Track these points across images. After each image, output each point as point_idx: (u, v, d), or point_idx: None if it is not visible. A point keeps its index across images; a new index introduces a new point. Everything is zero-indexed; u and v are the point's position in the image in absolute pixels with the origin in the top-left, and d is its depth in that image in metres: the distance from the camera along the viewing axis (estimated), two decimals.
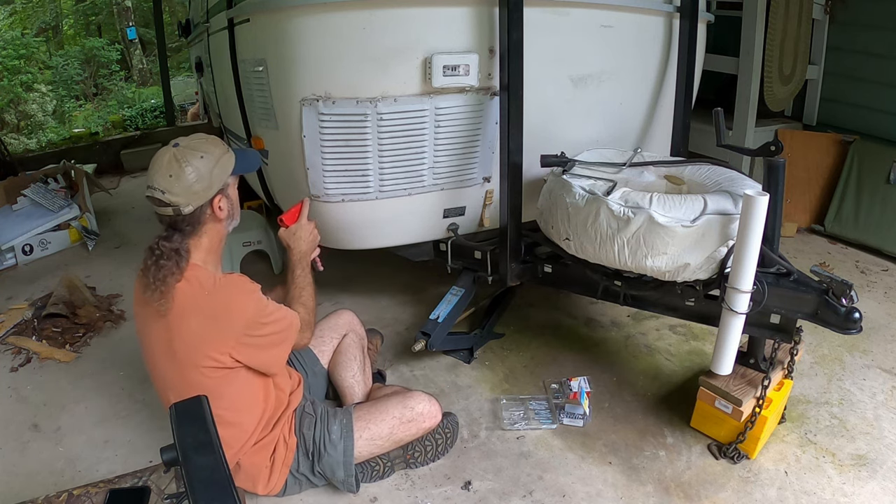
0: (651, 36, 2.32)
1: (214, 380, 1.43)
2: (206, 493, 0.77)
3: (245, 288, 1.46)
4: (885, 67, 3.34)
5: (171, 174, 1.36)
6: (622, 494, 1.67)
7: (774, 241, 1.67)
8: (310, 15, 1.81)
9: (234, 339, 1.41)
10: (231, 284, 1.45)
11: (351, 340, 1.96)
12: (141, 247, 1.48)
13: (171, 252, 1.38)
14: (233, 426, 1.50)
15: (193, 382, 1.42)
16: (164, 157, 1.39)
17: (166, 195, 1.36)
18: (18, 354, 2.44)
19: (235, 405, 1.49)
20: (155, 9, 5.87)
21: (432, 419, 1.74)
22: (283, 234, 1.69)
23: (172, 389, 1.47)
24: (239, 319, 1.41)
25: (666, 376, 2.18)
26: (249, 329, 1.43)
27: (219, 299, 1.41)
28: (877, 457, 1.78)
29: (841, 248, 3.25)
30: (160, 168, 1.37)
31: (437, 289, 2.72)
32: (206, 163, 1.40)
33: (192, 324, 1.39)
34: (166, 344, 1.42)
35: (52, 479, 1.77)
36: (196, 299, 1.39)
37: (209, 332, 1.40)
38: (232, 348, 1.42)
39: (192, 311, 1.39)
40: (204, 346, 1.40)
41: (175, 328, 1.40)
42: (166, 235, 1.41)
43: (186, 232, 1.42)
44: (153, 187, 1.37)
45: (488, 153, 2.11)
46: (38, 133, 7.01)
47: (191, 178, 1.37)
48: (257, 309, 1.45)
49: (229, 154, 1.47)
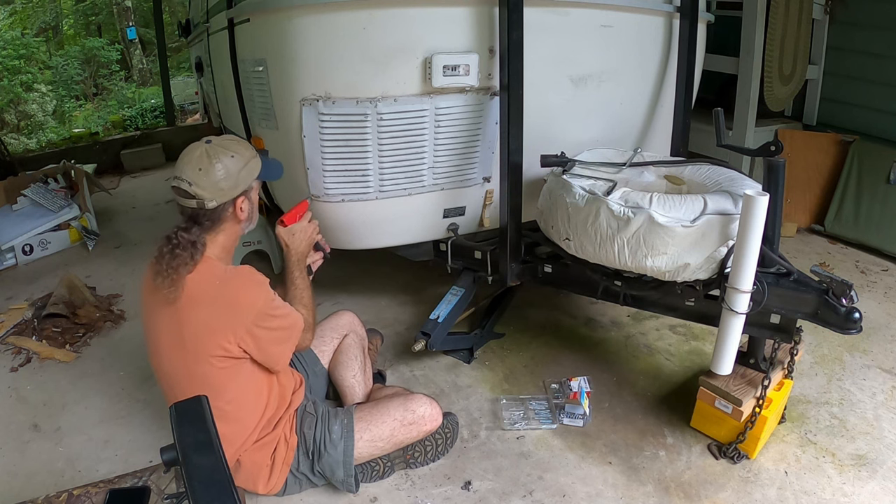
0: (651, 36, 2.32)
1: (221, 371, 1.45)
2: (206, 493, 0.77)
3: (255, 279, 1.48)
4: (885, 67, 3.34)
5: (200, 168, 1.41)
6: (622, 494, 1.67)
7: (774, 241, 1.67)
8: (310, 15, 1.81)
9: (244, 329, 1.43)
10: (241, 275, 1.48)
11: (352, 340, 1.96)
12: (141, 246, 1.49)
13: (188, 243, 1.41)
14: (235, 422, 1.50)
15: (200, 374, 1.44)
16: (195, 151, 1.43)
17: (193, 187, 1.40)
18: (18, 354, 2.44)
19: (239, 399, 1.51)
20: (155, 9, 5.88)
21: (433, 422, 1.74)
22: (282, 233, 1.69)
23: (178, 383, 1.48)
24: (249, 309, 1.43)
25: (666, 376, 2.18)
26: (259, 320, 1.44)
27: (229, 289, 1.44)
28: (877, 457, 1.78)
29: (841, 248, 3.25)
30: (190, 161, 1.42)
31: (437, 289, 2.72)
32: (236, 163, 1.45)
33: (202, 313, 1.41)
34: (175, 334, 1.44)
35: (52, 479, 1.77)
36: (207, 289, 1.42)
37: (219, 320, 1.42)
38: (241, 338, 1.43)
39: (202, 301, 1.41)
40: (214, 335, 1.42)
41: (185, 317, 1.42)
42: (185, 227, 1.44)
43: (206, 227, 1.46)
44: (181, 178, 1.41)
45: (488, 153, 2.11)
46: (38, 133, 7.01)
47: (219, 174, 1.42)
48: (266, 300, 1.47)
49: (257, 159, 1.53)
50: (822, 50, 3.67)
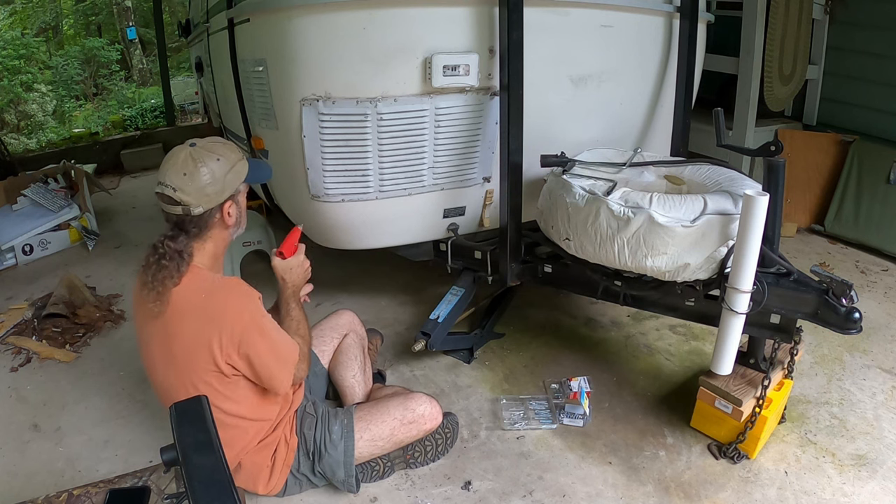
0: (651, 36, 2.32)
1: (214, 386, 1.40)
2: (206, 493, 0.77)
3: (242, 290, 1.42)
4: (885, 67, 3.34)
5: (185, 172, 1.35)
6: (622, 494, 1.67)
7: (774, 241, 1.67)
8: (310, 15, 1.81)
9: (232, 344, 1.37)
10: (228, 287, 1.42)
11: (351, 340, 1.96)
12: (141, 247, 1.47)
13: (175, 253, 1.36)
14: (235, 427, 1.49)
15: (194, 388, 1.39)
16: (179, 154, 1.37)
17: (178, 193, 1.34)
18: (18, 354, 2.44)
19: (239, 409, 1.47)
20: (155, 9, 5.87)
21: (433, 421, 1.74)
22: (279, 267, 1.58)
23: (174, 394, 1.41)
24: (236, 321, 1.37)
25: (666, 376, 2.18)
26: (246, 335, 1.38)
27: (215, 301, 1.38)
28: (877, 457, 1.78)
29: (841, 248, 3.25)
30: (174, 165, 1.35)
31: (437, 289, 2.72)
32: (222, 166, 1.39)
33: (189, 326, 1.37)
34: (166, 347, 1.40)
35: (52, 479, 1.77)
36: (193, 301, 1.37)
37: (205, 333, 1.36)
38: (228, 355, 1.38)
39: (189, 314, 1.37)
40: (203, 350, 1.37)
41: (173, 331, 1.38)
42: (172, 235, 1.39)
43: (192, 234, 1.40)
44: (165, 184, 1.35)
45: (488, 153, 2.11)
46: (38, 133, 7.00)
47: (205, 179, 1.36)
48: (255, 313, 1.40)
49: (244, 161, 1.46)
50: (822, 50, 3.67)
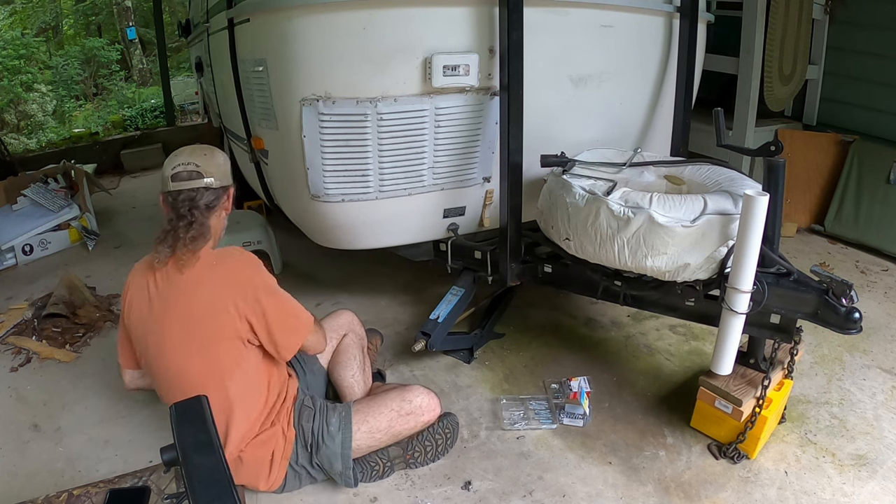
0: (651, 36, 2.32)
1: (231, 354, 1.50)
2: (206, 493, 0.77)
3: (247, 254, 1.57)
4: (885, 67, 3.34)
5: (205, 153, 1.55)
6: (622, 494, 1.67)
7: (774, 241, 1.67)
8: (310, 15, 1.81)
9: (249, 299, 1.48)
10: (234, 253, 1.57)
11: (351, 340, 1.97)
12: (141, 247, 1.50)
13: (202, 216, 1.51)
14: (241, 401, 1.53)
15: (213, 356, 1.48)
16: (188, 147, 1.57)
17: (201, 167, 1.51)
18: (18, 354, 2.44)
19: (245, 382, 1.53)
20: (155, 9, 5.88)
21: (431, 412, 1.75)
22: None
23: (185, 373, 1.49)
24: (247, 282, 1.50)
25: (666, 376, 2.18)
26: (260, 291, 1.50)
27: (227, 266, 1.52)
28: (877, 457, 1.78)
29: (841, 248, 3.25)
30: (191, 151, 1.54)
31: (437, 289, 2.72)
32: (224, 158, 1.61)
33: (205, 293, 1.48)
34: (184, 321, 1.47)
35: (52, 479, 1.77)
36: (206, 269, 1.50)
37: (222, 298, 1.47)
38: (245, 311, 1.47)
39: (204, 283, 1.49)
40: (221, 314, 1.47)
41: (190, 301, 1.48)
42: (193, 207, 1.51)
43: (204, 211, 1.53)
44: (186, 163, 1.51)
45: (488, 153, 2.11)
46: (38, 133, 7.00)
47: (220, 159, 1.58)
48: (263, 273, 1.54)
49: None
50: (822, 50, 3.66)
